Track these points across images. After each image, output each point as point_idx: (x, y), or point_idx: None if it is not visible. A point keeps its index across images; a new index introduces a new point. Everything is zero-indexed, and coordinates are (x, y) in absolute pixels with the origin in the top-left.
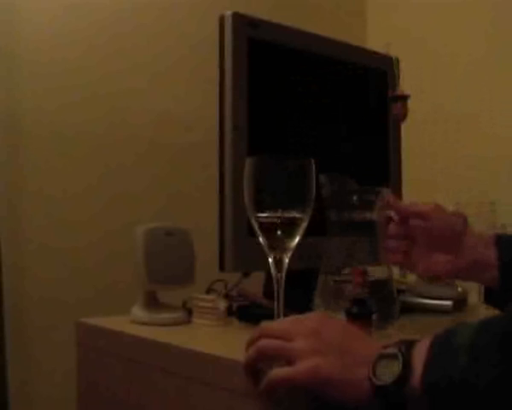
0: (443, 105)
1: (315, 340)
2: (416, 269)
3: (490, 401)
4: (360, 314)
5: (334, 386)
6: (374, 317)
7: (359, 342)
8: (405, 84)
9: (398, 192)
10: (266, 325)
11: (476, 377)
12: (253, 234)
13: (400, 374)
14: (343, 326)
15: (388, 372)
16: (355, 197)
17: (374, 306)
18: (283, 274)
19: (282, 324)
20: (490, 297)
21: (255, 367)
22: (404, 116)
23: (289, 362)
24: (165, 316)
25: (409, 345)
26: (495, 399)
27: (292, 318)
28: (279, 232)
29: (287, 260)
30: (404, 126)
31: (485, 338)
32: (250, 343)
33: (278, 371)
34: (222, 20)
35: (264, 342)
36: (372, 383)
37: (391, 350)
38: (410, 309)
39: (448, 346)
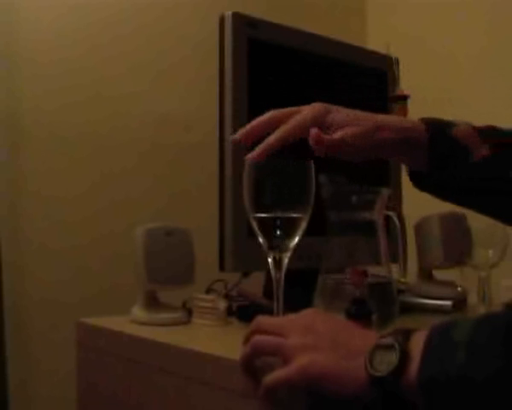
0: (442, 105)
1: (309, 336)
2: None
3: (489, 395)
4: (360, 315)
5: (331, 380)
6: (374, 317)
7: (354, 334)
8: (405, 84)
9: (398, 192)
10: (262, 319)
11: (474, 372)
12: (252, 234)
13: (397, 365)
14: (338, 320)
15: (385, 363)
16: (355, 197)
17: (374, 306)
18: (283, 274)
19: (277, 319)
20: (416, 179)
21: (251, 364)
22: (403, 117)
23: (285, 360)
24: (165, 316)
25: (406, 335)
26: (495, 392)
27: (287, 315)
28: (279, 232)
29: (286, 260)
30: None
31: (486, 332)
32: (246, 339)
33: (273, 375)
34: (222, 20)
35: (258, 338)
36: (368, 374)
37: (387, 340)
38: (409, 309)
39: (446, 339)
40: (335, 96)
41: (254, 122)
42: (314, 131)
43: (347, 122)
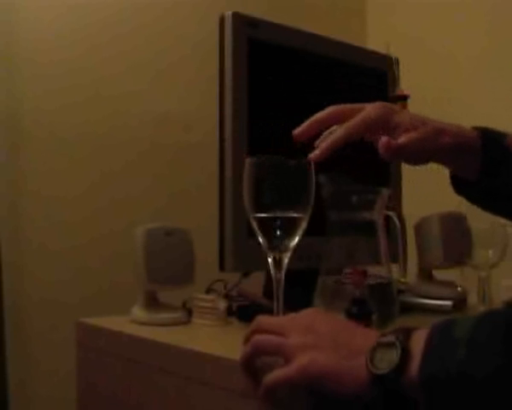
0: (442, 105)
1: (310, 335)
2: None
3: (488, 392)
4: (360, 314)
5: (331, 379)
6: (374, 317)
7: (355, 334)
8: (405, 85)
9: (398, 192)
10: (262, 319)
11: (474, 369)
12: (253, 234)
13: (398, 363)
14: (338, 320)
15: (386, 361)
16: (355, 197)
17: (374, 306)
18: (283, 274)
19: (277, 319)
20: (460, 187)
21: (252, 364)
22: None
23: (285, 359)
24: (165, 316)
25: (407, 333)
26: (494, 390)
27: (287, 315)
28: (278, 232)
29: (286, 260)
30: None
31: (486, 330)
32: (247, 339)
33: (273, 375)
34: (222, 20)
35: (259, 338)
36: (369, 372)
37: (388, 339)
38: (409, 309)
39: (447, 337)
40: (335, 96)
41: (313, 118)
42: (385, 138)
43: (411, 125)
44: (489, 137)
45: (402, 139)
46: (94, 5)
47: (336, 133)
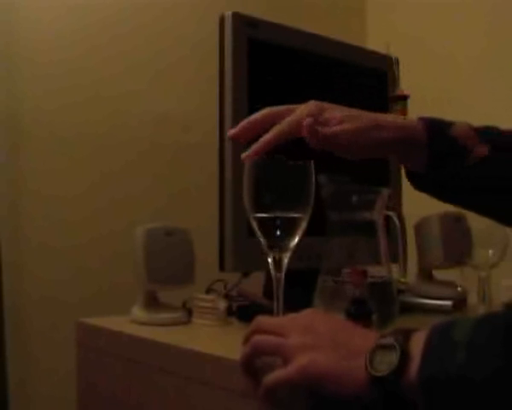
0: (442, 105)
1: (309, 335)
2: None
3: (488, 395)
4: (360, 314)
5: (331, 379)
6: (373, 317)
7: (354, 334)
8: (405, 85)
9: (398, 192)
10: (261, 319)
11: (474, 372)
12: (252, 234)
13: (397, 365)
14: (337, 320)
15: (385, 363)
16: (355, 197)
17: (374, 306)
18: (283, 274)
19: (277, 319)
20: (413, 179)
21: (252, 364)
22: (403, 116)
23: (285, 360)
24: (165, 316)
25: (406, 335)
26: (494, 392)
27: (287, 315)
28: (278, 232)
29: (286, 260)
30: None
31: (486, 332)
32: (246, 339)
33: (273, 375)
34: (222, 20)
35: (258, 338)
36: (369, 374)
37: (388, 340)
38: (409, 309)
39: (446, 339)
40: (335, 96)
41: (250, 119)
42: (308, 120)
43: (344, 119)
44: (435, 129)
45: (334, 128)
46: (94, 5)
47: (269, 133)
